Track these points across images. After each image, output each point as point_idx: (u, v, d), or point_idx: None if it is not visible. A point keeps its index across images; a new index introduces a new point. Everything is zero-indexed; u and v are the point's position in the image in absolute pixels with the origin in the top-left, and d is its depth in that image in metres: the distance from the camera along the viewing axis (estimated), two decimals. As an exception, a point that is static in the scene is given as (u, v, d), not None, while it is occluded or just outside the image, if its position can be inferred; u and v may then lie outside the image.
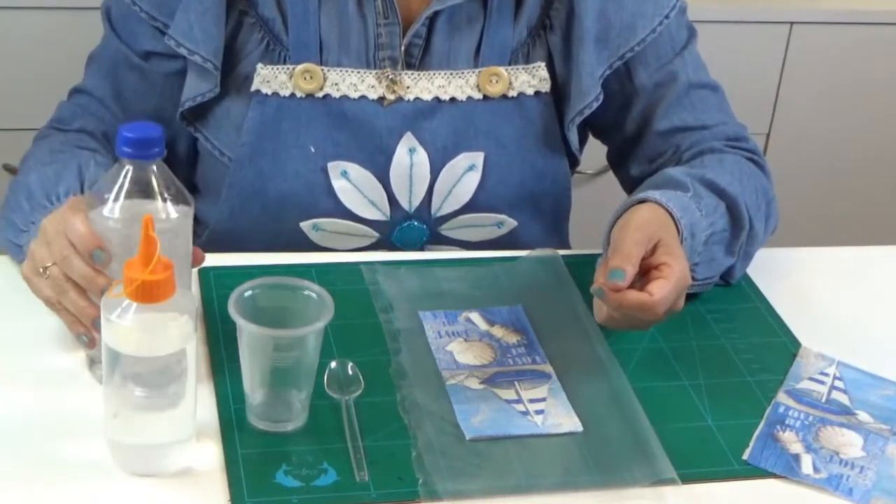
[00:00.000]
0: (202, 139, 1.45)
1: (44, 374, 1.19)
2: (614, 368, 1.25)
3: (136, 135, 1.09)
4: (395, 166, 1.42)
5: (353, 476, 1.09)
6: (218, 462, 1.11)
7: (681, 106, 1.48)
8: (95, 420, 1.10)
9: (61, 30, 2.18)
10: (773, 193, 1.47)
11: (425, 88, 1.42)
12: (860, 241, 1.58)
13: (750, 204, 1.38)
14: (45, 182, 1.31)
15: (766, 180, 1.46)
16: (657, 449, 1.14)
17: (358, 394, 1.18)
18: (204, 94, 1.41)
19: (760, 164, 1.47)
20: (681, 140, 1.48)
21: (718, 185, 1.36)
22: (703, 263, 1.33)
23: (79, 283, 1.14)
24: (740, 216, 1.36)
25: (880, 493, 1.13)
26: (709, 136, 1.47)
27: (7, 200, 1.35)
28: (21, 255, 1.28)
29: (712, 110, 1.49)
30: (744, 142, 1.49)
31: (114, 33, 1.45)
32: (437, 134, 1.43)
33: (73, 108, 1.47)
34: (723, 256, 1.35)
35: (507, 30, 1.43)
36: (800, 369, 1.28)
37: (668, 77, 1.47)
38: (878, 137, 2.56)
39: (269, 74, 1.41)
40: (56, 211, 1.18)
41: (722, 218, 1.34)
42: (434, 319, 1.31)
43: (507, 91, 1.43)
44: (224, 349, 1.23)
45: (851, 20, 2.44)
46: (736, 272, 1.39)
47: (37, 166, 1.35)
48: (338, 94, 1.41)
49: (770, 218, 1.44)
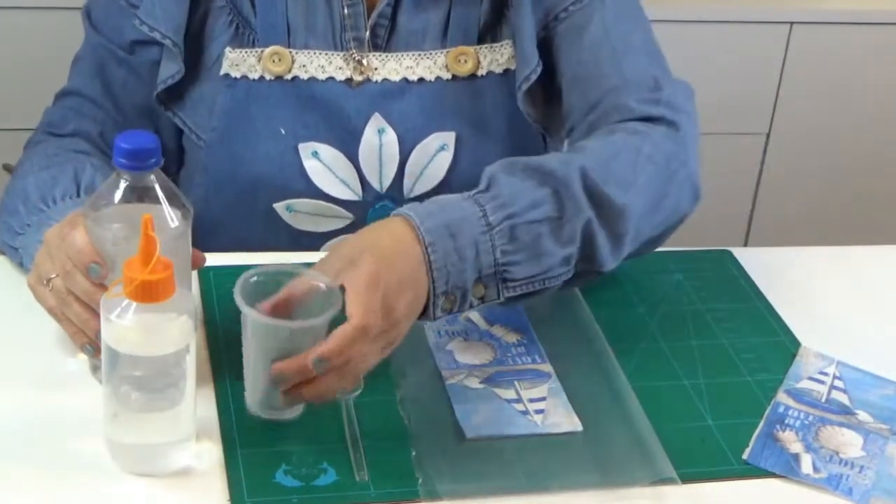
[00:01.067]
0: (180, 123, 1.47)
1: (44, 374, 1.19)
2: (614, 368, 1.25)
3: (132, 146, 1.09)
4: (363, 147, 1.43)
5: (353, 476, 1.09)
6: (218, 462, 1.11)
7: (594, 51, 1.39)
8: (95, 420, 1.10)
9: (61, 30, 2.17)
10: (685, 159, 1.33)
11: (393, 69, 1.43)
12: (860, 241, 1.58)
13: (602, 180, 1.24)
14: (42, 185, 1.31)
15: (670, 144, 1.32)
16: (657, 449, 1.14)
17: (358, 394, 1.18)
18: (173, 76, 1.42)
19: (670, 122, 1.34)
20: (591, 89, 1.39)
21: (544, 169, 1.23)
22: (520, 261, 1.19)
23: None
24: (574, 198, 1.21)
25: (880, 493, 1.13)
26: (622, 86, 1.37)
27: (3, 204, 1.35)
28: (17, 257, 1.29)
29: (637, 59, 1.40)
30: (657, 91, 1.37)
31: (95, 31, 1.46)
32: (407, 114, 1.43)
33: (64, 111, 1.47)
34: (554, 246, 1.21)
35: (473, 9, 1.43)
36: (799, 369, 1.28)
37: (582, 20, 1.41)
38: (877, 137, 2.56)
39: (238, 58, 1.42)
40: (58, 224, 1.17)
41: (543, 205, 1.21)
42: (434, 319, 1.31)
43: (475, 70, 1.44)
44: (224, 349, 1.23)
45: (851, 20, 2.45)
46: (604, 257, 1.25)
47: (33, 170, 1.36)
48: (306, 76, 1.42)
49: (671, 183, 1.31)
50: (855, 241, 1.58)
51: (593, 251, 1.24)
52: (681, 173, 1.32)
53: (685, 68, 1.55)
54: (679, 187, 1.32)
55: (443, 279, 1.15)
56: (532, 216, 1.20)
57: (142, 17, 1.41)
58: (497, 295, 1.19)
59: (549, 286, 1.22)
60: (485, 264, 1.17)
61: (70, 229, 1.13)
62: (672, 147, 1.32)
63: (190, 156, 1.50)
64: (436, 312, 1.16)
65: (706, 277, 1.42)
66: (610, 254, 1.25)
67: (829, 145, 2.55)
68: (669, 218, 1.32)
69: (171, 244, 1.10)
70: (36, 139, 1.45)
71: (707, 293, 1.39)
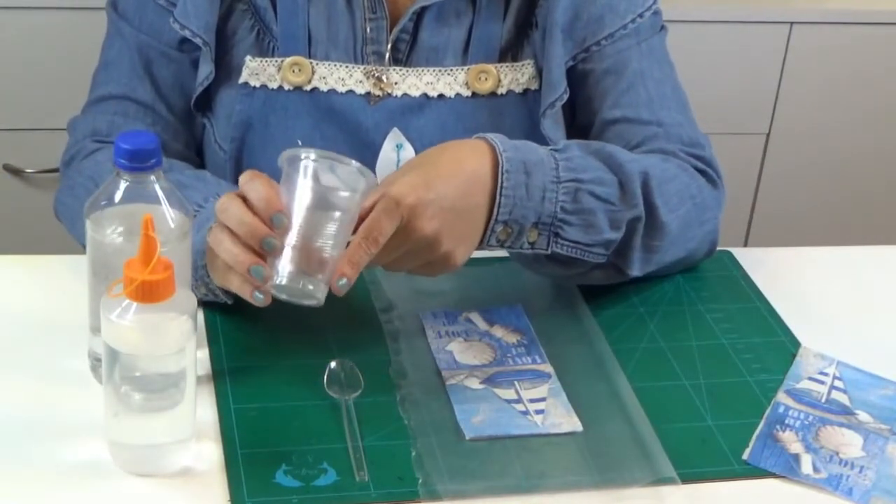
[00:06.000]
0: (210, 130, 1.45)
1: (44, 374, 1.19)
2: (614, 368, 1.25)
3: (132, 146, 1.09)
4: (381, 161, 1.42)
5: (353, 476, 1.09)
6: (218, 462, 1.11)
7: (633, 96, 1.43)
8: (95, 420, 1.10)
9: (61, 30, 2.18)
10: (715, 215, 1.39)
11: (413, 85, 1.42)
12: (860, 241, 1.58)
13: (657, 193, 1.29)
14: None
15: (709, 195, 1.38)
16: (657, 449, 1.14)
17: (358, 394, 1.18)
18: (208, 77, 1.41)
19: (711, 179, 1.39)
20: (631, 134, 1.42)
21: (615, 159, 1.28)
22: (574, 224, 1.24)
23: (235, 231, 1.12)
24: (632, 194, 1.27)
25: (880, 493, 1.13)
26: (662, 134, 1.41)
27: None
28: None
29: (671, 109, 1.44)
30: (699, 149, 1.41)
31: (137, 31, 1.42)
32: (425, 130, 1.43)
33: (110, 117, 1.42)
34: (604, 224, 1.26)
35: (495, 27, 1.43)
36: (799, 369, 1.28)
37: (619, 64, 1.43)
38: (877, 137, 2.56)
39: (258, 67, 1.41)
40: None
41: (608, 186, 1.26)
42: (434, 319, 1.31)
43: (496, 89, 1.43)
44: (224, 349, 1.24)
45: (851, 20, 2.44)
46: (633, 262, 1.31)
47: (92, 180, 1.34)
48: (325, 88, 1.42)
49: (699, 228, 1.37)
50: (855, 241, 1.59)
51: (628, 250, 1.30)
52: (709, 225, 1.39)
53: (685, 68, 1.55)
54: (704, 236, 1.39)
55: (508, 207, 1.21)
56: (595, 190, 1.25)
57: (175, 16, 1.39)
58: (546, 245, 1.25)
59: (584, 259, 1.27)
60: (546, 211, 1.23)
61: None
62: (710, 199, 1.39)
63: (210, 161, 1.47)
64: (491, 239, 1.22)
65: (706, 277, 1.42)
66: (639, 259, 1.32)
67: (829, 145, 2.55)
68: (686, 258, 1.39)
69: (172, 244, 1.10)
70: (86, 149, 1.41)
71: (707, 293, 1.39)
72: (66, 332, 1.21)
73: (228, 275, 1.15)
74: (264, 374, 1.21)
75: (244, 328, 1.27)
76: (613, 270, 1.32)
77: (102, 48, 1.46)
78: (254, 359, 1.23)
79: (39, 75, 2.20)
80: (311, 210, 1.12)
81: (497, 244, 1.23)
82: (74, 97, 1.54)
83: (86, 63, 1.53)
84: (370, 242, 1.13)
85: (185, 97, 1.44)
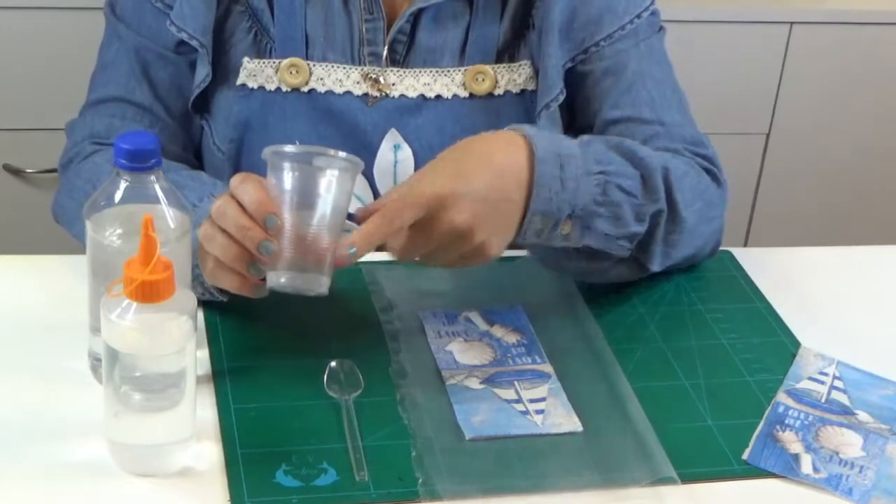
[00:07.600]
0: (208, 132, 1.45)
1: (44, 374, 1.19)
2: (614, 368, 1.25)
3: (132, 146, 1.09)
4: (378, 162, 1.43)
5: (353, 476, 1.09)
6: (218, 462, 1.11)
7: (634, 96, 1.43)
8: (95, 420, 1.10)
9: (61, 30, 2.18)
10: (721, 213, 1.40)
11: (410, 86, 1.42)
12: (860, 241, 1.58)
13: (676, 188, 1.31)
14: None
15: (715, 193, 1.39)
16: (657, 449, 1.14)
17: (358, 394, 1.18)
18: (205, 80, 1.41)
19: (716, 177, 1.40)
20: (633, 133, 1.41)
21: (636, 154, 1.29)
22: (603, 215, 1.25)
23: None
24: (655, 188, 1.28)
25: (880, 493, 1.13)
26: (664, 134, 1.42)
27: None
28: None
29: (671, 109, 1.44)
30: (702, 148, 1.42)
31: (136, 33, 1.42)
32: (423, 131, 1.43)
33: (108, 119, 1.42)
34: (630, 217, 1.27)
35: (492, 28, 1.43)
36: (799, 369, 1.28)
37: (618, 65, 1.43)
38: (877, 137, 2.56)
39: (255, 68, 1.41)
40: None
41: (632, 179, 1.27)
42: (434, 319, 1.31)
43: (493, 89, 1.43)
44: (224, 349, 1.24)
45: (851, 20, 2.44)
46: (655, 257, 1.32)
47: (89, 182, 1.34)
48: (323, 89, 1.42)
49: (708, 225, 1.38)
50: (855, 241, 1.59)
51: (650, 244, 1.30)
52: (716, 223, 1.39)
53: (685, 68, 1.55)
54: (711, 234, 1.40)
55: (544, 199, 1.21)
56: (622, 183, 1.26)
57: (172, 18, 1.39)
58: (579, 237, 1.25)
59: (610, 252, 1.28)
60: (579, 204, 1.23)
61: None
62: (716, 197, 1.39)
63: (208, 163, 1.48)
64: (528, 230, 1.22)
65: (706, 277, 1.42)
66: (660, 253, 1.32)
67: (829, 145, 2.55)
68: (694, 255, 1.40)
69: (172, 244, 1.10)
70: (84, 151, 1.41)
71: (707, 293, 1.39)
72: (66, 332, 1.21)
73: (218, 271, 1.16)
74: (264, 374, 1.21)
75: (244, 328, 1.27)
76: (635, 265, 1.33)
77: (100, 50, 1.46)
78: (254, 359, 1.23)
79: (39, 75, 2.20)
80: (298, 193, 1.12)
81: (534, 236, 1.23)
82: (74, 97, 1.54)
83: (86, 63, 1.53)
84: (386, 222, 1.13)
85: (183, 99, 1.44)
